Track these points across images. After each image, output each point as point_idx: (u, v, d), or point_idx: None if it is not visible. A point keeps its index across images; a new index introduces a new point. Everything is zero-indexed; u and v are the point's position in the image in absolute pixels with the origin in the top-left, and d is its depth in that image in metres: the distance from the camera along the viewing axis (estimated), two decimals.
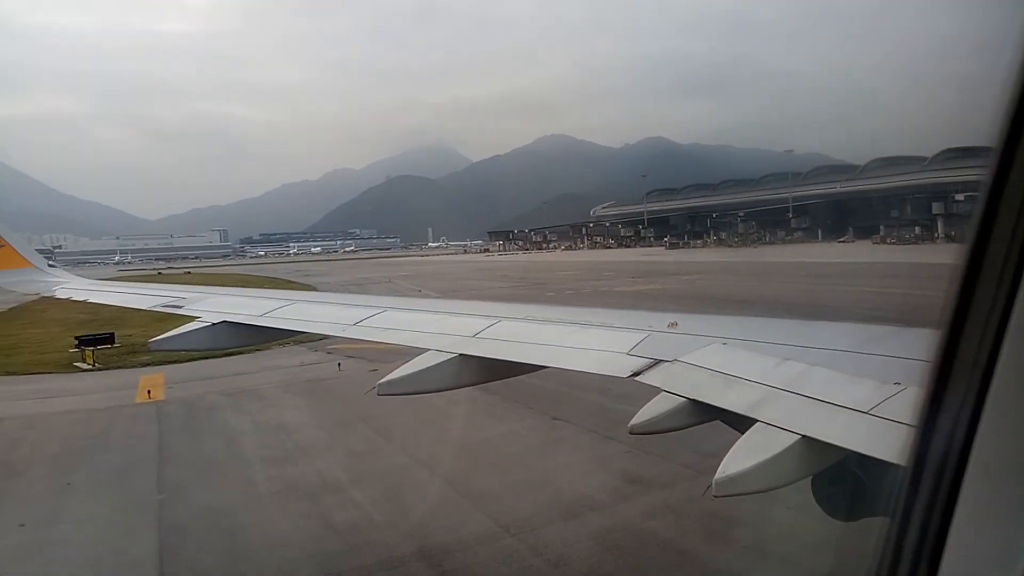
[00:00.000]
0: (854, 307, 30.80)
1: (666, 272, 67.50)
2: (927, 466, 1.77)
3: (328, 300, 8.99)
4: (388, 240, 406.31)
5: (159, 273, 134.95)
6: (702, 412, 3.94)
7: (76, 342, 31.63)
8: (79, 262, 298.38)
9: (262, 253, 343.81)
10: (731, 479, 3.16)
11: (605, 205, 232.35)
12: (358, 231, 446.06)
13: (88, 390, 23.14)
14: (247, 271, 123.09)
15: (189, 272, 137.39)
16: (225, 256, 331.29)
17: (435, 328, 6.34)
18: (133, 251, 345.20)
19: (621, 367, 4.62)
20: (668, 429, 3.95)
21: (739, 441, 3.39)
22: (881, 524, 2.02)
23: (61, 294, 11.89)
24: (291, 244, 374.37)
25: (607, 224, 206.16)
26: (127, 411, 19.65)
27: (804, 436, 3.21)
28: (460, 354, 5.41)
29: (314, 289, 70.46)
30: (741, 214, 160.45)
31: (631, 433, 3.94)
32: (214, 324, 7.81)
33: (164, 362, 26.52)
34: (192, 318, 8.20)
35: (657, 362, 4.55)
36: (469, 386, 5.61)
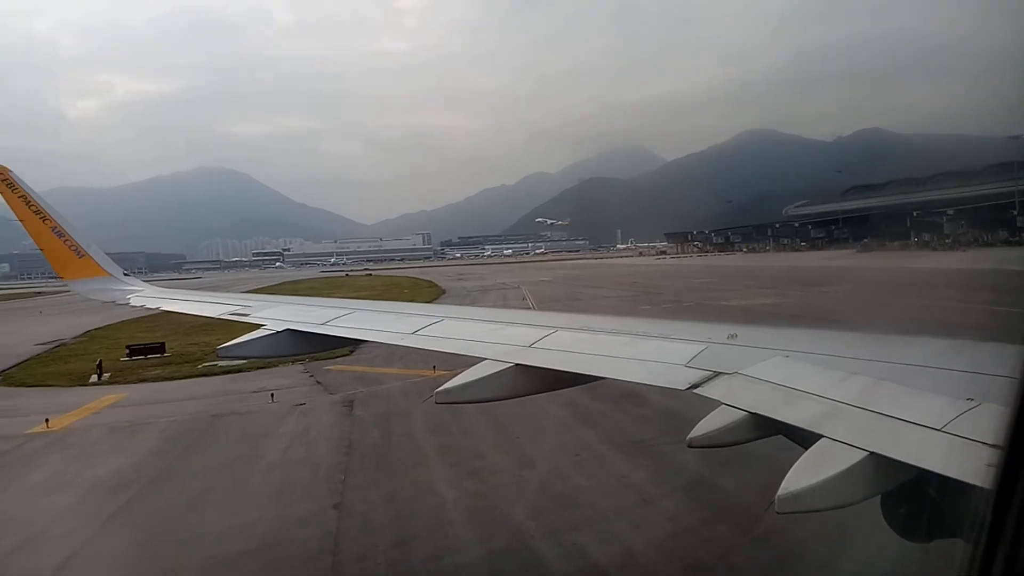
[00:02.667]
0: None
1: (819, 282, 59.93)
2: (1018, 489, 1.75)
3: (389, 309, 9.19)
4: (577, 242, 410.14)
5: (346, 275, 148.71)
6: (763, 426, 3.86)
7: (128, 351, 34.61)
8: (302, 263, 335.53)
9: (458, 255, 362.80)
10: (794, 496, 3.08)
11: (798, 204, 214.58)
12: (548, 234, 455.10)
13: (27, 410, 22.11)
14: (419, 273, 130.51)
15: (370, 274, 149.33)
16: (427, 258, 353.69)
17: (491, 338, 6.36)
18: (348, 253, 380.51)
19: (679, 379, 4.54)
20: (728, 443, 3.88)
21: (803, 457, 3.27)
22: (959, 547, 2.02)
23: (135, 302, 12.46)
24: (485, 247, 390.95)
25: (796, 224, 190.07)
26: None
27: (872, 453, 3.13)
28: (516, 364, 5.38)
29: (443, 292, 73.93)
30: (949, 212, 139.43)
31: (689, 447, 3.84)
32: (277, 332, 8.03)
33: (170, 378, 27.31)
34: (258, 326, 8.42)
35: (716, 374, 4.47)
36: (524, 396, 5.52)
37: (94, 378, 27.80)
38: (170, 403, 22.43)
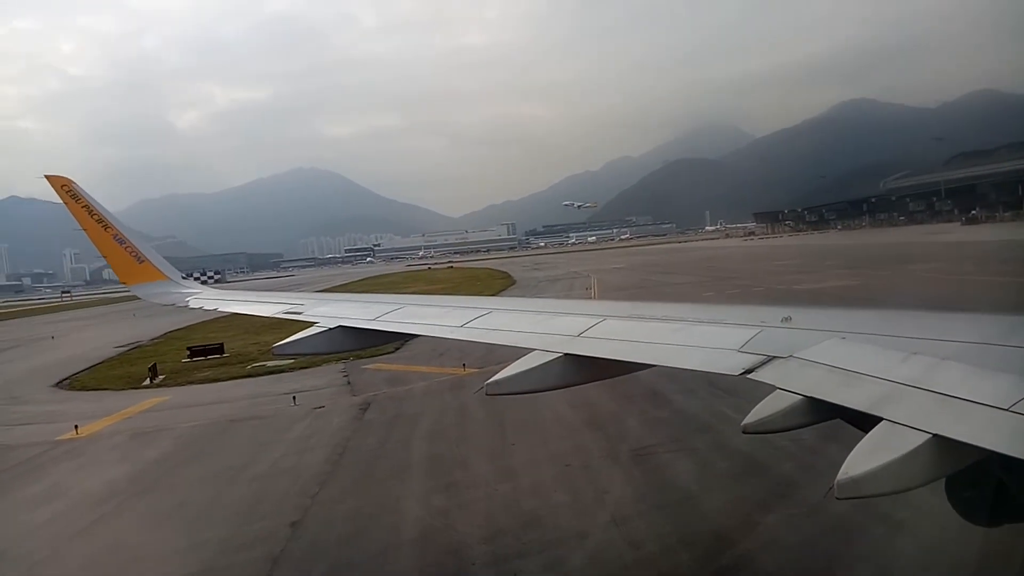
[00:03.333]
0: None
1: (910, 259, 55.45)
2: None
3: (439, 303, 9.11)
4: (663, 226, 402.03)
5: (429, 268, 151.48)
6: (820, 410, 3.78)
7: (188, 352, 35.68)
8: (391, 258, 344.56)
9: (542, 244, 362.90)
10: (854, 481, 3.00)
11: (897, 176, 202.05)
12: (634, 218, 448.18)
13: (71, 415, 22.60)
14: (499, 264, 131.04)
15: (452, 266, 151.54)
16: (511, 248, 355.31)
17: (540, 328, 6.31)
18: (435, 246, 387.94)
19: (732, 364, 4.46)
20: (784, 428, 3.81)
21: (863, 441, 3.20)
22: None
23: (194, 304, 12.71)
24: (570, 235, 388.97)
25: (893, 198, 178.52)
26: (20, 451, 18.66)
27: (935, 435, 3.06)
28: (565, 353, 5.32)
29: (513, 283, 73.61)
30: None
31: (744, 432, 3.77)
32: (330, 329, 8.17)
33: (216, 380, 27.80)
34: (310, 323, 8.56)
35: (771, 358, 4.40)
36: (574, 385, 5.51)
37: (147, 381, 28.69)
38: (202, 407, 22.74)
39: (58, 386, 29.72)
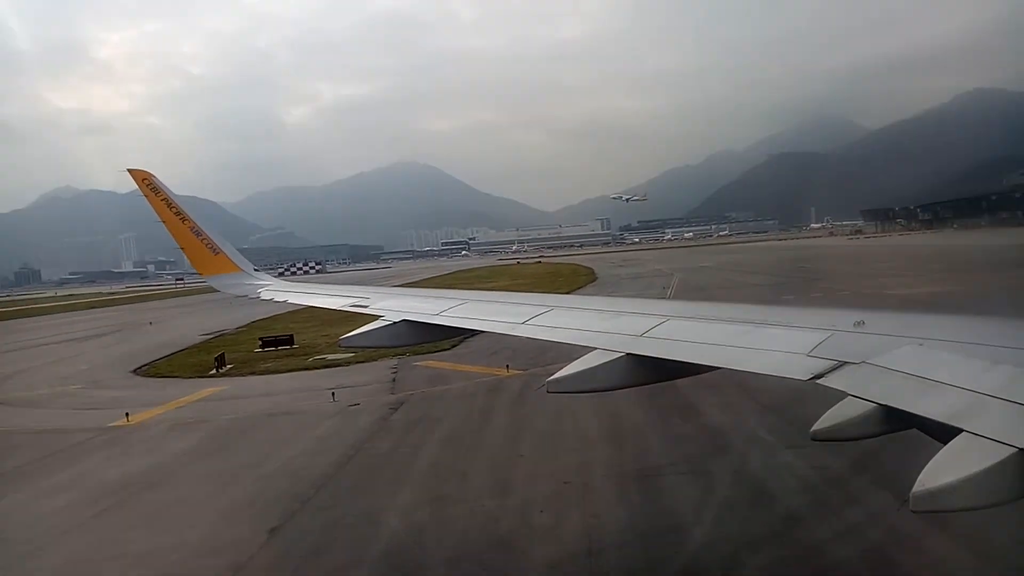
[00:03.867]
0: None
1: (1019, 263, 50.78)
2: None
3: (501, 299, 9.20)
4: (765, 223, 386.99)
5: (518, 263, 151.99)
6: (895, 419, 3.67)
7: (260, 343, 36.90)
8: (486, 251, 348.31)
9: (636, 240, 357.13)
10: (931, 494, 2.92)
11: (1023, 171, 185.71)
12: (734, 214, 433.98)
13: (130, 402, 23.70)
14: (587, 260, 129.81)
15: (540, 261, 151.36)
16: (605, 243, 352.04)
17: (601, 327, 6.30)
18: (529, 241, 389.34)
19: (800, 369, 4.35)
20: (855, 437, 3.74)
21: (941, 452, 3.12)
22: None
23: (264, 296, 13.21)
24: (665, 230, 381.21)
25: (1017, 196, 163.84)
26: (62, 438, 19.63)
27: (1022, 450, 2.92)
28: (627, 353, 5.33)
29: (594, 280, 72.52)
30: None
31: (813, 439, 3.69)
32: (395, 323, 8.38)
33: (276, 371, 28.53)
34: (376, 317, 8.81)
35: (842, 364, 4.27)
36: (636, 386, 5.52)
37: (214, 371, 29.95)
38: (249, 399, 23.42)
39: (135, 372, 31.45)
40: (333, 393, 22.00)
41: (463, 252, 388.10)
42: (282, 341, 36.40)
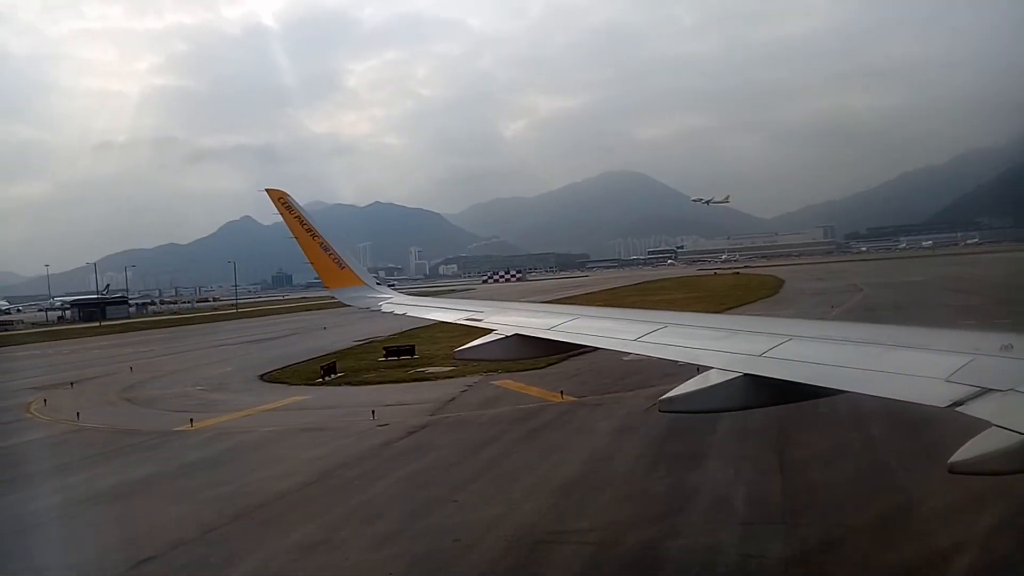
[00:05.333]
0: None
1: None
2: None
3: (614, 316, 9.29)
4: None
5: (715, 274, 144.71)
6: None
7: (384, 352, 37.67)
8: (693, 260, 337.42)
9: (864, 249, 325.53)
10: None
11: None
12: (986, 220, 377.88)
13: (218, 406, 25.80)
14: (793, 271, 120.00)
15: (738, 272, 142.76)
16: (827, 252, 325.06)
17: (718, 346, 6.21)
18: (740, 249, 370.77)
19: (937, 395, 4.10)
20: (1000, 472, 3.49)
21: None
22: None
23: (386, 308, 14.37)
24: (900, 238, 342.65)
25: None
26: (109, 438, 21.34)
27: None
28: (745, 373, 5.24)
29: (773, 294, 66.23)
30: None
31: (951, 472, 3.50)
32: (507, 336, 8.61)
33: (373, 382, 29.11)
34: (489, 330, 9.03)
35: (986, 391, 3.99)
36: (754, 408, 5.43)
37: (320, 379, 30.97)
38: (311, 410, 24.32)
39: (261, 377, 33.52)
40: (373, 411, 21.84)
41: (669, 261, 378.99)
42: (404, 351, 37.22)
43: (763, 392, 5.12)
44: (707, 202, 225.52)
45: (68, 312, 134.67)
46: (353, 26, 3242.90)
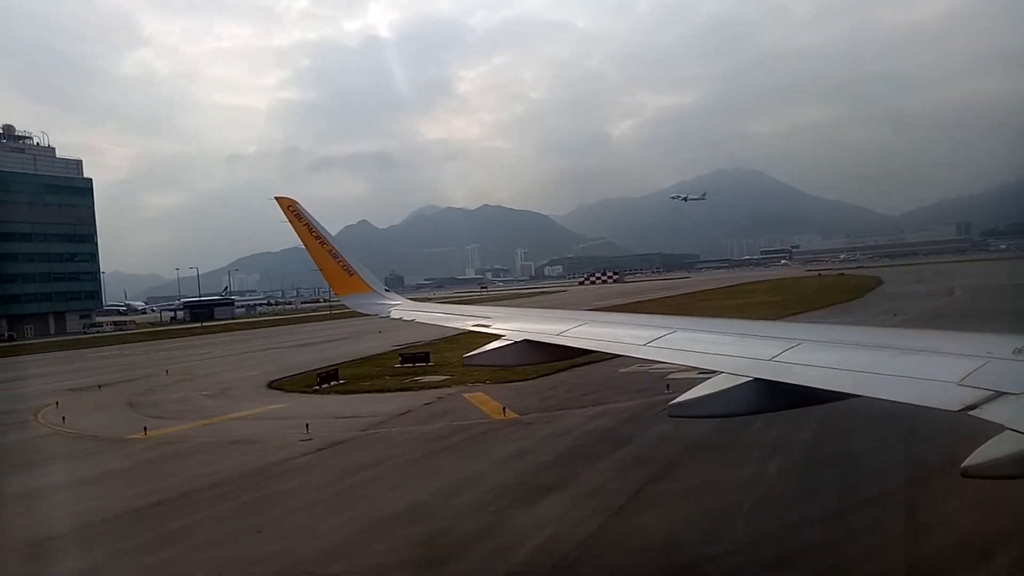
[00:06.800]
0: None
1: None
2: None
3: (623, 321, 9.60)
4: None
5: (819, 274, 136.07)
6: None
7: (400, 359, 37.20)
8: (809, 260, 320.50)
9: (1004, 247, 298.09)
10: None
11: None
12: None
13: (194, 413, 26.47)
14: (899, 273, 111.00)
15: (820, 275, 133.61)
16: (962, 251, 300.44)
17: (728, 350, 6.19)
18: (860, 248, 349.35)
19: (950, 399, 4.06)
20: (1012, 475, 3.49)
21: None
22: None
23: (395, 315, 14.73)
24: None
25: None
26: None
27: None
28: (755, 378, 5.23)
29: (858, 297, 61.11)
30: None
31: (964, 476, 3.50)
32: (515, 343, 8.63)
33: (363, 391, 29.06)
34: (498, 336, 9.08)
35: (999, 394, 3.93)
36: (764, 412, 5.45)
37: (317, 387, 30.95)
38: (265, 421, 24.45)
39: (268, 384, 33.79)
40: (307, 425, 21.55)
41: (783, 261, 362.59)
42: (419, 358, 37.00)
43: (773, 397, 5.06)
44: (685, 199, 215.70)
45: (180, 313, 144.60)
46: (464, 33, 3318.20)
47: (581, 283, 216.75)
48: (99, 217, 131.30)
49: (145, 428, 22.97)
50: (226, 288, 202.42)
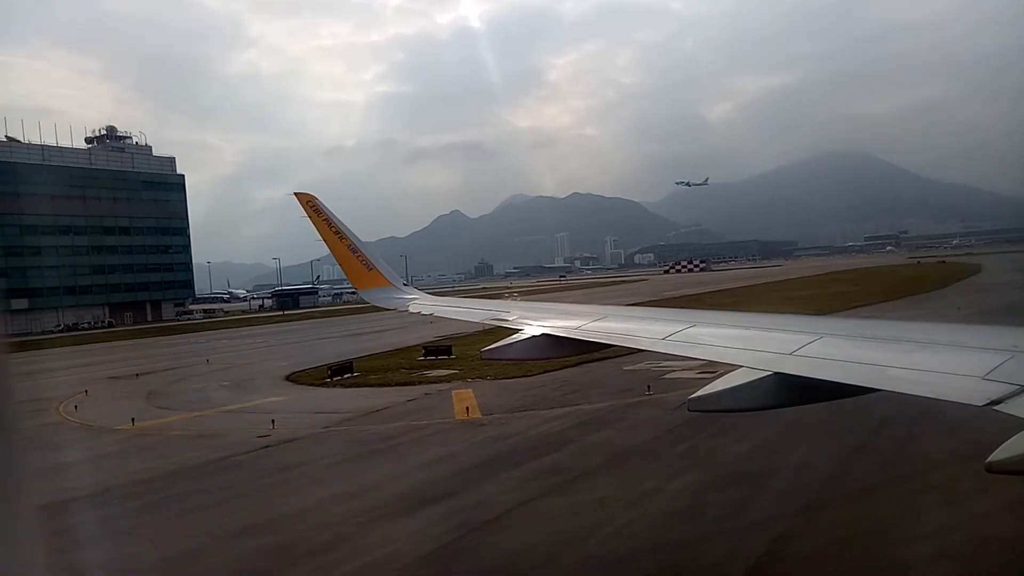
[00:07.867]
0: None
1: None
2: None
3: (640, 315, 9.36)
4: None
5: (918, 262, 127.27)
6: None
7: (423, 352, 36.83)
8: (918, 246, 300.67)
9: None
10: None
11: None
12: None
13: (185, 405, 27.29)
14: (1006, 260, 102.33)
15: (919, 262, 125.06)
16: None
17: (747, 344, 6.16)
18: (976, 233, 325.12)
19: (974, 393, 3.98)
20: None
21: None
22: None
23: (413, 308, 14.82)
24: None
25: None
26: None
27: None
28: (775, 372, 5.16)
29: (941, 288, 57.01)
30: None
31: (988, 471, 3.46)
32: (534, 336, 8.64)
33: (372, 384, 28.97)
34: (517, 330, 9.08)
35: None
36: (784, 407, 5.37)
37: (327, 379, 31.14)
38: (254, 414, 24.46)
39: (287, 376, 34.14)
40: (273, 421, 21.59)
41: (888, 248, 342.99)
42: (442, 350, 36.70)
43: (793, 391, 5.04)
44: (688, 184, 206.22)
45: (267, 301, 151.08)
46: (554, 20, 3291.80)
47: (666, 272, 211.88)
48: (211, 209, 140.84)
49: (133, 419, 23.63)
50: (318, 276, 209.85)
